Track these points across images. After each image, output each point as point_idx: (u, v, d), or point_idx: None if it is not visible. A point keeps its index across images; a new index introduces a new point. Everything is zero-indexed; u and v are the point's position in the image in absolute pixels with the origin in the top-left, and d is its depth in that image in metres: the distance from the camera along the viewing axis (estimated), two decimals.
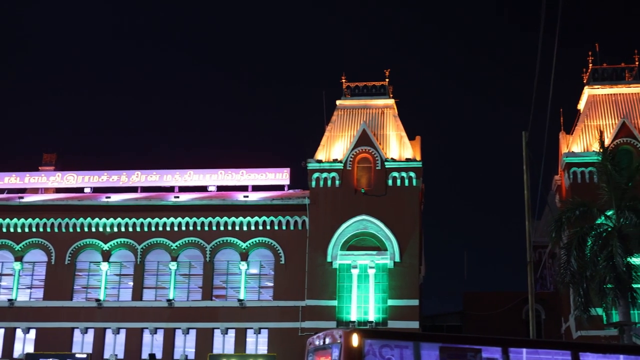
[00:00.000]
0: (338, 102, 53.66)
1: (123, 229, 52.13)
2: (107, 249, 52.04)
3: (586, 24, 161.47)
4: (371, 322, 47.76)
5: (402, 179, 50.13)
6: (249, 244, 51.18)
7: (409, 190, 50.06)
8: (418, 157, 50.84)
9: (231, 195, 53.16)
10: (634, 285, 34.03)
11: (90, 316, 50.95)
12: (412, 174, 50.11)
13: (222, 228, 51.51)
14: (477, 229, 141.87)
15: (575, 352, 22.39)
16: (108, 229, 52.21)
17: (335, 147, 51.83)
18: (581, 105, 52.04)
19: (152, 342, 50.43)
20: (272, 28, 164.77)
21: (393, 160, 50.46)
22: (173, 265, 51.39)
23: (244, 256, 51.15)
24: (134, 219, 52.03)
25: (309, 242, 50.22)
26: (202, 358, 48.37)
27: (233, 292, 52.34)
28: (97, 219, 52.28)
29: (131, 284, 52.18)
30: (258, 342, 49.71)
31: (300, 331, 47.84)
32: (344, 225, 49.62)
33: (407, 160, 50.44)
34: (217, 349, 49.53)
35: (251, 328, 49.75)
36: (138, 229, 52.03)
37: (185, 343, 50.22)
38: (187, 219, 51.74)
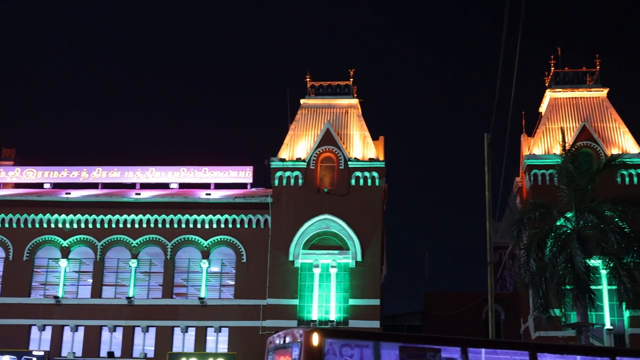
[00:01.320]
0: (302, 101, 53.63)
1: (83, 226, 51.56)
2: (67, 245, 51.45)
3: (551, 26, 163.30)
4: (332, 321, 47.77)
5: (365, 178, 50.24)
6: (211, 242, 50.94)
7: (371, 190, 50.19)
8: (381, 157, 50.99)
9: (193, 192, 52.87)
10: (593, 287, 34.41)
11: (48, 313, 50.31)
12: (375, 174, 50.25)
13: (183, 226, 51.19)
14: (438, 229, 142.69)
15: (533, 353, 22.58)
16: (67, 225, 51.60)
17: (298, 146, 51.78)
18: (543, 108, 52.64)
19: (110, 340, 49.94)
20: (237, 26, 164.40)
21: (356, 160, 50.55)
22: (133, 263, 50.96)
23: (205, 254, 50.88)
24: (94, 216, 51.50)
25: (271, 241, 50.10)
26: (161, 356, 48.00)
27: (194, 290, 52.00)
28: (56, 215, 51.68)
29: (90, 281, 51.60)
30: (218, 341, 49.48)
31: (260, 330, 47.71)
32: (306, 224, 49.59)
33: (370, 160, 50.57)
34: (176, 348, 49.21)
35: (212, 326, 49.52)
36: (98, 225, 51.51)
37: (145, 341, 49.81)
38: (148, 216, 51.34)
